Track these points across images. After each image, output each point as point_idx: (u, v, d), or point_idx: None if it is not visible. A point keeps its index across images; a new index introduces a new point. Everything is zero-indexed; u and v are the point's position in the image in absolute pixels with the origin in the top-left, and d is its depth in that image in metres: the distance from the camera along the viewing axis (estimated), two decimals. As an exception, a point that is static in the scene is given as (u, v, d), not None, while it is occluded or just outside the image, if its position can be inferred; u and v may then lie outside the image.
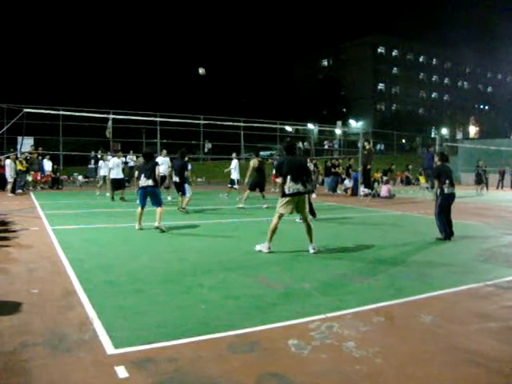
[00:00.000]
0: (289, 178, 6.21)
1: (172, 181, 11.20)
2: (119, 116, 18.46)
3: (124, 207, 12.31)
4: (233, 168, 15.04)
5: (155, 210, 8.24)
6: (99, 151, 21.34)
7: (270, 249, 6.33)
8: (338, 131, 39.17)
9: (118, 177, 14.10)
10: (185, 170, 10.59)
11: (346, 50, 59.98)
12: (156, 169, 8.19)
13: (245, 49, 78.41)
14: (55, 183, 19.89)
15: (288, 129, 35.13)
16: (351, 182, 19.06)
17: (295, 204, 6.28)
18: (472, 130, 68.79)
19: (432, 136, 53.53)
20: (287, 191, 6.23)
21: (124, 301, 4.13)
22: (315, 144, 35.11)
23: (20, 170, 16.80)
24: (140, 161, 22.26)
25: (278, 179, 6.36)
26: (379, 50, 61.44)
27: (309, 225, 6.46)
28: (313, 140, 34.47)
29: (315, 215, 9.61)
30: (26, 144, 20.14)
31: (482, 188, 22.66)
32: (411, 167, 27.70)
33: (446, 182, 7.67)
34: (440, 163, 7.97)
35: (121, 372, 2.76)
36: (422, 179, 22.22)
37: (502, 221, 10.89)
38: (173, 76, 61.94)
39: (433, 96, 67.33)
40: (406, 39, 61.03)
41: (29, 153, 19.13)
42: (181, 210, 10.67)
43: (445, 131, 59.42)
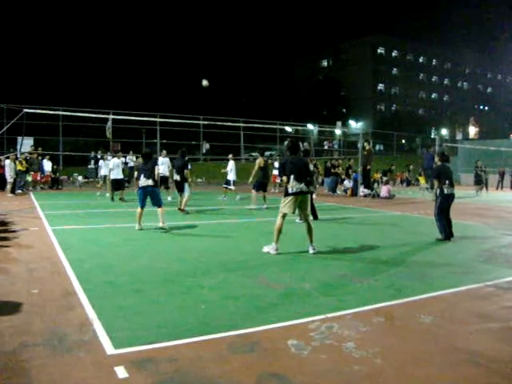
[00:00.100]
0: (292, 178, 6.21)
1: (173, 179, 11.18)
2: (119, 116, 18.47)
3: (124, 207, 12.30)
4: (229, 169, 15.09)
5: (157, 211, 8.27)
6: (99, 151, 21.35)
7: (278, 250, 6.28)
8: (338, 132, 39.19)
9: (118, 177, 14.11)
10: (185, 169, 10.59)
11: (346, 51, 60.05)
12: (155, 169, 8.22)
13: (245, 49, 78.49)
14: (55, 183, 19.89)
15: (288, 129, 35.14)
16: (351, 183, 19.07)
17: (298, 203, 6.28)
18: (472, 131, 68.88)
19: (432, 136, 53.57)
20: (290, 190, 6.23)
21: (124, 301, 4.14)
22: (315, 144, 35.09)
23: (20, 171, 16.80)
24: (140, 161, 22.32)
25: (283, 178, 6.35)
26: (379, 51, 61.51)
27: (309, 225, 6.46)
28: (312, 140, 34.46)
29: (317, 217, 9.62)
30: (26, 144, 20.13)
31: (482, 188, 22.69)
32: (412, 167, 27.69)
33: (446, 183, 7.67)
34: (440, 163, 7.97)
35: (121, 372, 2.76)
36: (422, 180, 22.24)
37: (502, 221, 10.90)
38: (173, 76, 61.99)
39: (433, 96, 67.39)
40: (406, 39, 61.11)
41: (28, 153, 19.12)
42: (181, 212, 10.66)
43: (444, 132, 59.48)
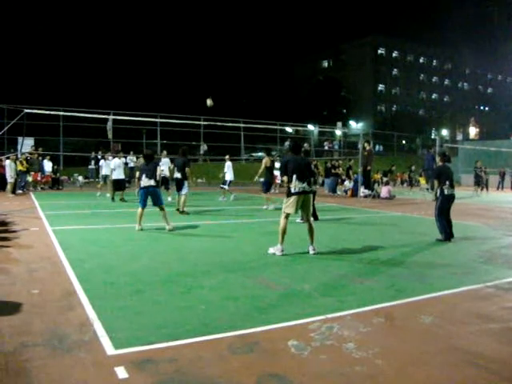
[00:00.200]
0: (294, 177, 6.19)
1: (173, 178, 11.15)
2: (120, 117, 18.47)
3: (124, 208, 12.31)
4: (226, 171, 15.13)
5: (157, 212, 8.30)
6: (99, 151, 21.37)
7: (284, 251, 6.26)
8: (338, 132, 39.17)
9: (120, 177, 14.12)
10: (186, 167, 10.58)
11: (346, 51, 60.06)
12: (157, 169, 8.28)
13: (245, 49, 78.45)
14: (55, 184, 19.90)
15: (288, 130, 35.13)
16: (351, 183, 19.07)
17: (301, 203, 6.27)
18: (472, 131, 68.88)
19: (432, 137, 53.58)
20: (293, 190, 6.22)
21: (124, 301, 4.14)
22: (315, 145, 35.11)
23: (20, 171, 16.82)
24: (140, 161, 22.37)
25: (284, 178, 6.34)
26: (379, 51, 61.52)
27: (311, 225, 6.45)
28: (313, 141, 34.48)
29: (317, 218, 9.62)
30: (27, 144, 20.17)
31: (482, 189, 22.71)
32: (414, 168, 27.65)
33: (446, 183, 7.67)
34: (441, 163, 7.97)
35: (121, 372, 2.76)
36: (422, 180, 22.26)
37: (503, 222, 10.90)
38: (173, 76, 61.99)
39: (433, 97, 67.37)
40: (407, 40, 61.10)
41: (29, 153, 19.15)
42: (181, 213, 10.64)
43: (445, 132, 59.52)
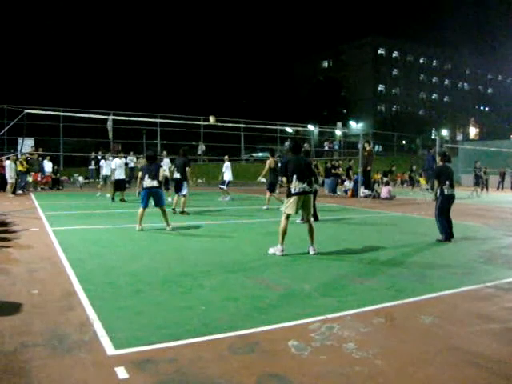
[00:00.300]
0: (295, 178, 6.19)
1: (173, 178, 11.14)
2: (120, 117, 18.47)
3: (124, 208, 12.30)
4: (224, 171, 15.15)
5: (158, 212, 8.30)
6: (99, 152, 21.37)
7: (284, 251, 6.26)
8: (338, 132, 39.17)
9: (121, 178, 14.12)
10: (186, 167, 10.58)
11: (347, 51, 60.08)
12: (160, 170, 8.28)
13: (245, 49, 78.49)
14: (55, 184, 19.91)
15: (288, 130, 35.13)
16: (351, 184, 19.07)
17: (301, 203, 6.26)
18: (472, 131, 68.88)
19: (432, 137, 53.57)
20: (293, 190, 6.22)
21: (124, 301, 4.14)
22: (315, 145, 35.11)
23: (20, 171, 16.82)
24: (140, 162, 22.40)
25: (283, 178, 6.34)
26: (379, 52, 61.53)
27: (311, 226, 6.45)
28: (313, 141, 34.47)
29: (317, 218, 9.62)
30: (27, 145, 20.18)
31: (482, 189, 22.73)
32: (415, 168, 27.63)
33: (446, 183, 7.67)
34: (442, 164, 7.97)
35: (121, 373, 2.76)
36: (422, 180, 22.26)
37: (503, 222, 10.90)
38: (173, 77, 62.04)
39: (433, 97, 67.38)
40: (407, 40, 61.11)
41: (29, 154, 19.15)
42: (181, 213, 10.63)
43: (445, 132, 59.52)
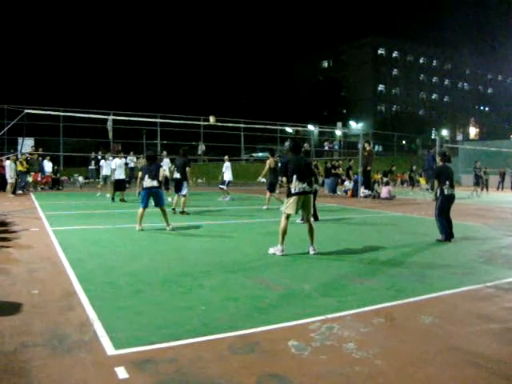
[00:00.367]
0: (295, 178, 6.18)
1: (172, 178, 11.13)
2: (119, 117, 18.47)
3: (124, 208, 12.30)
4: (224, 171, 15.16)
5: (158, 213, 8.30)
6: (99, 152, 21.36)
7: (284, 251, 6.26)
8: (338, 132, 39.18)
9: (121, 178, 14.11)
10: (186, 167, 10.58)
11: (347, 51, 60.08)
12: (160, 170, 8.29)
13: (245, 49, 78.52)
14: (55, 184, 19.91)
15: (288, 130, 35.13)
16: (351, 184, 19.07)
17: (301, 203, 6.26)
18: (472, 131, 68.87)
19: (432, 137, 53.56)
20: (293, 190, 6.22)
21: (124, 301, 4.14)
22: (315, 145, 35.11)
23: (20, 171, 16.82)
24: (140, 162, 22.39)
25: (283, 178, 6.34)
26: (379, 52, 61.53)
27: (311, 226, 6.45)
28: (313, 141, 34.48)
29: (317, 218, 9.62)
30: (27, 145, 20.18)
31: (483, 189, 22.75)
32: (415, 168, 27.62)
33: (446, 183, 7.66)
34: (442, 163, 7.97)
35: (121, 373, 2.76)
36: (422, 181, 22.27)
37: (503, 222, 10.90)
38: (173, 77, 62.05)
39: (433, 97, 67.37)
40: (407, 40, 61.11)
41: (29, 154, 19.15)
42: (181, 213, 10.63)
43: (445, 132, 59.51)
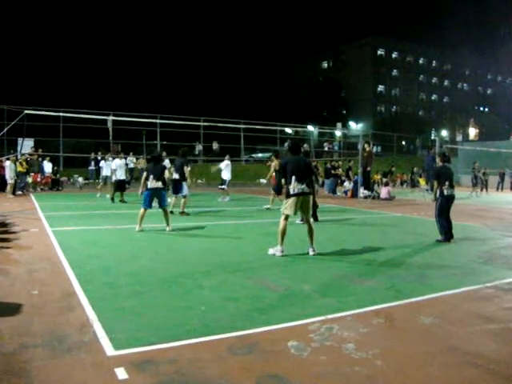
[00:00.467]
0: (293, 179, 6.18)
1: (171, 179, 11.12)
2: (119, 117, 18.48)
3: (124, 209, 12.31)
4: (223, 170, 15.18)
5: (157, 213, 8.30)
6: (99, 152, 21.35)
7: (284, 252, 6.25)
8: (338, 133, 39.21)
9: (121, 178, 14.10)
10: (184, 167, 10.57)
11: (346, 52, 60.04)
12: (166, 172, 8.30)
13: (245, 50, 78.60)
14: (55, 185, 19.90)
15: (288, 130, 35.16)
16: (351, 184, 19.07)
17: (300, 204, 6.26)
18: (472, 132, 68.84)
19: (432, 138, 53.57)
20: (292, 191, 6.22)
21: (124, 302, 4.14)
22: (315, 146, 35.13)
23: (20, 172, 16.82)
24: (140, 162, 22.36)
25: (283, 180, 6.33)
26: (379, 52, 61.51)
27: (311, 226, 6.45)
28: (313, 142, 34.50)
29: (317, 219, 9.62)
30: (26, 145, 20.17)
31: (482, 189, 22.79)
32: (416, 169, 27.55)
33: (446, 184, 7.66)
34: (441, 164, 7.97)
35: (120, 373, 2.76)
36: (422, 181, 22.26)
37: (502, 223, 10.90)
38: (173, 77, 62.08)
39: (433, 98, 67.35)
40: (406, 41, 61.09)
41: (29, 154, 19.15)
42: (181, 214, 10.62)
43: (445, 133, 59.49)
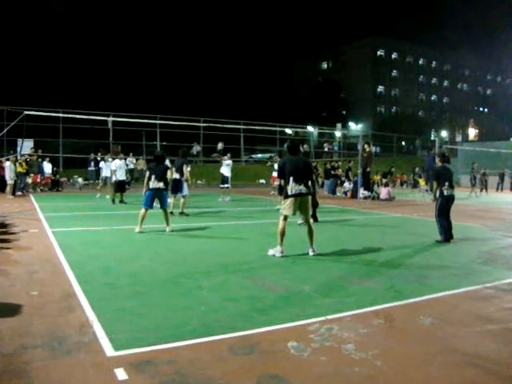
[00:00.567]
0: (291, 179, 6.18)
1: (172, 178, 11.10)
2: (119, 118, 18.47)
3: (124, 209, 12.31)
4: (226, 165, 15.19)
5: (157, 214, 8.28)
6: (99, 153, 21.35)
7: (283, 252, 6.25)
8: (338, 133, 39.22)
9: (121, 179, 14.09)
10: (184, 167, 10.56)
11: (346, 53, 60.12)
12: (168, 172, 8.26)
13: (245, 50, 78.65)
14: (55, 185, 19.90)
15: (288, 131, 35.17)
16: (351, 185, 19.08)
17: (298, 205, 6.25)
18: (471, 133, 68.84)
19: (432, 138, 53.58)
20: (289, 192, 6.22)
21: (124, 303, 4.14)
22: (315, 146, 35.14)
23: (20, 173, 16.83)
24: (139, 163, 22.32)
25: (281, 181, 6.33)
26: (379, 53, 61.57)
27: (310, 227, 6.44)
28: (312, 142, 34.51)
29: (317, 219, 9.62)
30: (26, 146, 20.15)
31: (482, 190, 22.83)
32: (418, 169, 27.57)
33: (446, 184, 7.66)
34: (441, 164, 7.97)
35: (120, 374, 2.76)
36: (422, 181, 22.28)
37: (502, 223, 10.90)
38: (173, 78, 62.09)
39: (432, 98, 67.41)
40: (406, 41, 61.16)
41: (29, 155, 19.14)
42: (181, 214, 10.62)
43: (444, 133, 59.49)
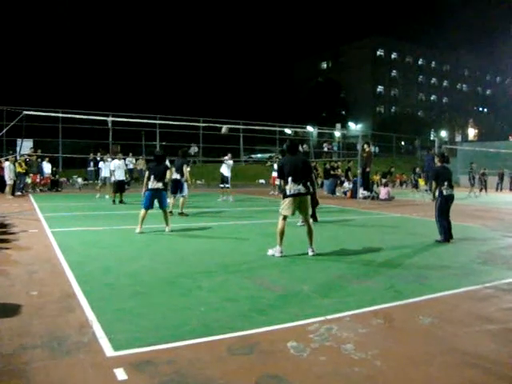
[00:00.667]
0: (290, 179, 6.19)
1: (171, 178, 11.09)
2: (119, 118, 18.47)
3: (123, 209, 12.30)
4: (228, 164, 15.18)
5: (157, 214, 8.27)
6: (98, 153, 21.34)
7: (283, 252, 6.25)
8: (338, 133, 39.23)
9: (120, 179, 14.10)
10: (184, 167, 10.55)
11: (346, 53, 60.17)
12: (168, 172, 8.26)
13: (244, 51, 78.64)
14: (54, 185, 19.90)
15: (287, 131, 35.16)
16: (350, 185, 19.08)
17: (297, 205, 6.26)
18: (471, 133, 68.93)
19: (431, 138, 53.60)
20: (288, 192, 6.23)
21: (123, 303, 4.14)
22: (314, 146, 35.15)
23: (19, 173, 16.82)
24: (139, 163, 22.29)
25: (281, 181, 6.34)
26: (378, 53, 61.63)
27: (310, 227, 6.45)
28: (312, 142, 34.52)
29: (316, 219, 9.62)
30: (26, 146, 20.15)
31: (481, 190, 22.88)
32: (418, 170, 27.51)
33: (445, 184, 7.67)
34: (440, 164, 7.98)
35: (120, 374, 2.76)
36: (422, 182, 22.30)
37: (501, 223, 10.91)
38: (173, 78, 62.09)
39: (432, 98, 67.47)
40: (406, 42, 61.22)
41: (28, 155, 19.13)
42: (180, 214, 10.62)
43: (444, 133, 59.52)
